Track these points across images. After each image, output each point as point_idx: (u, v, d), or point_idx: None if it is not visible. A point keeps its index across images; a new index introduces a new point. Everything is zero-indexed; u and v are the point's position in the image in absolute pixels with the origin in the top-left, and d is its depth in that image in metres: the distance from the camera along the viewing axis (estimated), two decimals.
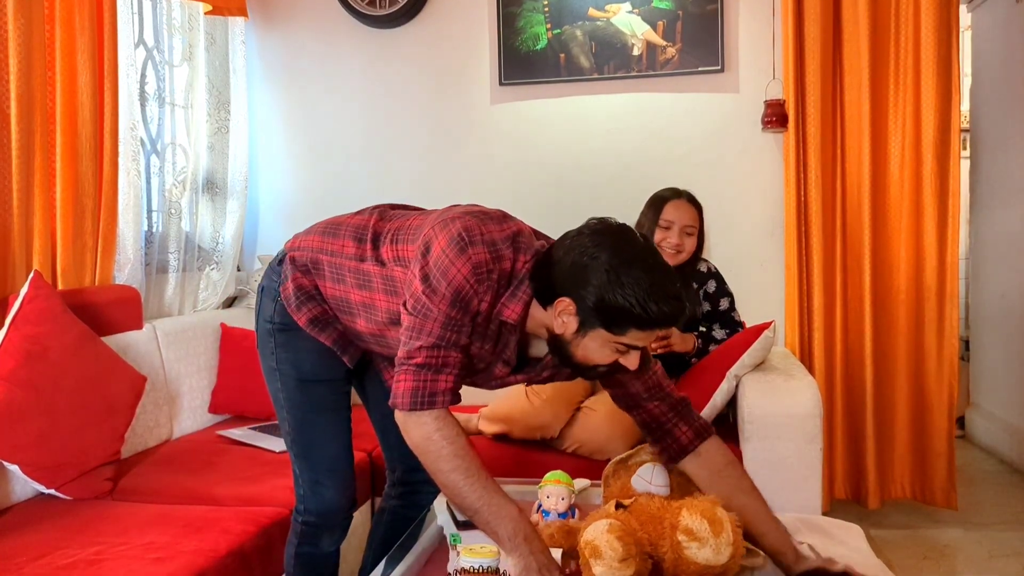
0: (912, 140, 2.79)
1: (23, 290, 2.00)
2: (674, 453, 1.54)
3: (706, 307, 2.54)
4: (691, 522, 1.31)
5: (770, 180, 2.98)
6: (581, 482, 1.84)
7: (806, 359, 2.86)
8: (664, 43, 2.98)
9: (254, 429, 2.54)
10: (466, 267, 1.32)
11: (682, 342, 2.43)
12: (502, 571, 1.33)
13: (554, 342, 1.40)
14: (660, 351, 2.40)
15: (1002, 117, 3.63)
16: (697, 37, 2.96)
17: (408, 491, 1.87)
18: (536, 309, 1.39)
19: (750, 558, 1.41)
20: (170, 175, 2.89)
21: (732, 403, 2.34)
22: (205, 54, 3.01)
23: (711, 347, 2.49)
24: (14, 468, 1.92)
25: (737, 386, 2.30)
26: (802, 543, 1.51)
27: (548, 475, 1.61)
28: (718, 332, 2.52)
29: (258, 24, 3.29)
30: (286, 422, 1.69)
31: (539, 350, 1.48)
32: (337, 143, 3.29)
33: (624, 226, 1.37)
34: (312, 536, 1.71)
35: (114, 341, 2.28)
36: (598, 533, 1.29)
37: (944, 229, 2.79)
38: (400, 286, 1.46)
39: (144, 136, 2.76)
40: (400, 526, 1.79)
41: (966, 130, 3.86)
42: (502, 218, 1.43)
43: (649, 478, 1.55)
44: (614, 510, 1.41)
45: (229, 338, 2.79)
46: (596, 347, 1.35)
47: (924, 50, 2.75)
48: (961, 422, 3.85)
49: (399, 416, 1.38)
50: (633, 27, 3.00)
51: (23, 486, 2.01)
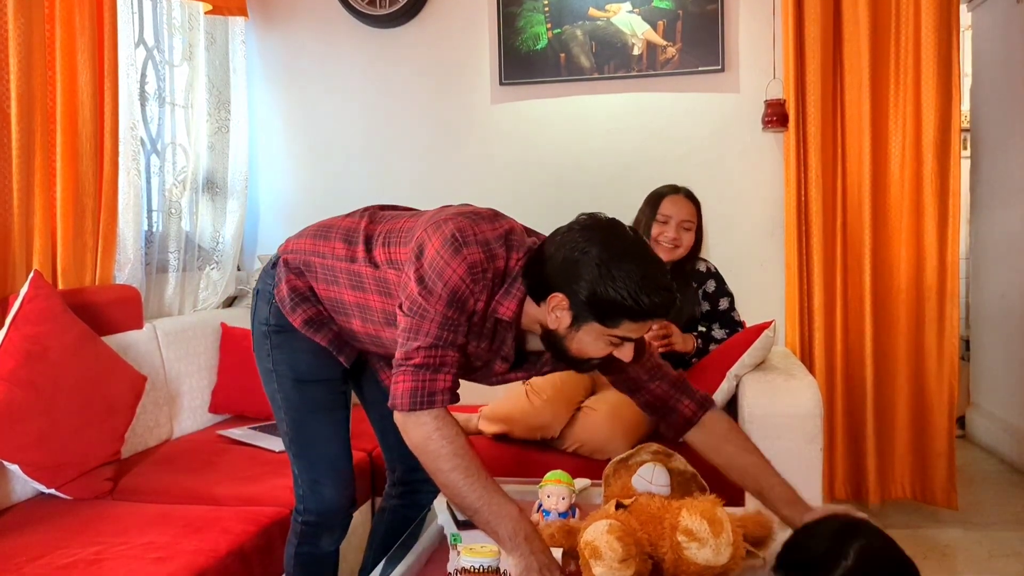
0: (912, 140, 2.79)
1: (23, 290, 2.00)
2: (680, 427, 1.58)
3: (705, 307, 2.54)
4: (691, 523, 1.31)
5: (770, 180, 2.98)
6: (581, 482, 1.84)
7: (806, 359, 2.86)
8: (664, 43, 2.98)
9: (254, 429, 2.54)
10: (461, 267, 1.33)
11: (683, 342, 2.43)
12: (502, 571, 1.33)
13: (548, 337, 1.41)
14: (661, 351, 2.40)
15: (1002, 117, 3.63)
16: (697, 37, 2.96)
17: (408, 491, 1.87)
18: (530, 305, 1.40)
19: (750, 559, 1.41)
20: (170, 175, 2.89)
21: (732, 403, 2.33)
22: (205, 54, 3.00)
23: (711, 347, 2.49)
24: (14, 468, 1.92)
25: (737, 386, 2.30)
26: None
27: (548, 475, 1.61)
28: (718, 332, 2.52)
29: (258, 24, 3.29)
30: (284, 423, 1.69)
31: (537, 344, 1.49)
32: (337, 143, 3.29)
33: (614, 220, 1.38)
34: (312, 536, 1.71)
35: (114, 341, 2.28)
36: (598, 534, 1.29)
37: (944, 229, 2.79)
38: (394, 288, 1.46)
39: (144, 136, 2.76)
40: (400, 526, 1.79)
41: (966, 130, 3.85)
42: (493, 217, 1.44)
43: (649, 478, 1.55)
44: (614, 510, 1.41)
45: (229, 338, 2.79)
46: (590, 340, 1.37)
47: (924, 50, 2.75)
48: (961, 422, 3.85)
49: (398, 417, 1.38)
50: (633, 27, 3.00)
51: (23, 486, 2.01)
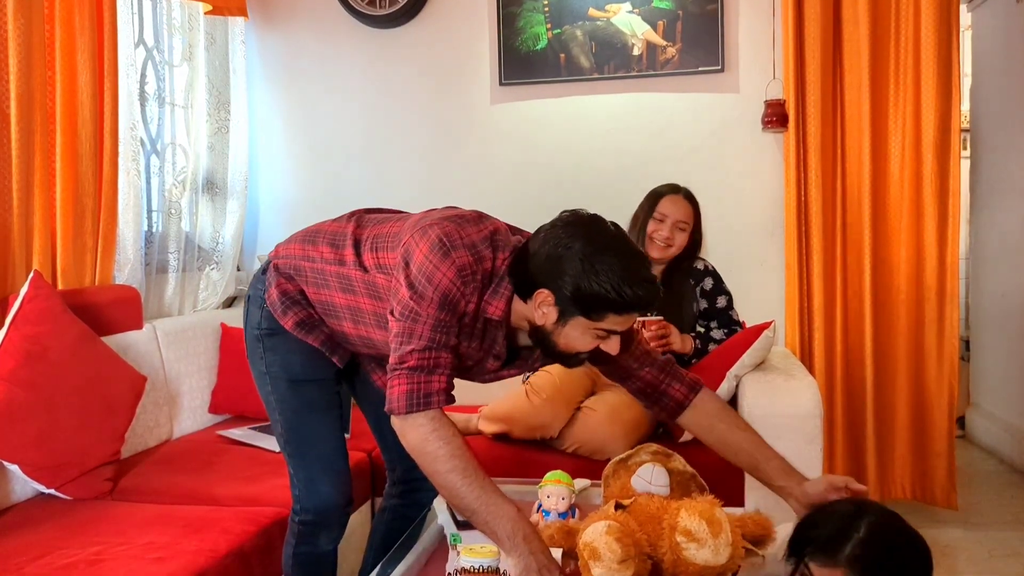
0: (912, 140, 2.79)
1: (23, 290, 2.00)
2: (672, 411, 1.60)
3: (703, 304, 2.54)
4: (690, 523, 1.31)
5: (770, 180, 2.98)
6: (581, 482, 1.84)
7: (806, 359, 2.86)
8: (664, 43, 2.98)
9: (254, 429, 2.54)
10: (451, 271, 1.34)
11: (681, 343, 2.43)
12: (502, 571, 1.33)
13: (536, 333, 1.43)
14: (660, 351, 2.39)
15: (1002, 117, 3.63)
16: (697, 37, 2.96)
17: (408, 490, 1.88)
18: (517, 303, 1.42)
19: (750, 557, 1.41)
20: (170, 175, 2.89)
21: (732, 403, 2.33)
22: (205, 54, 3.00)
23: (710, 347, 2.49)
24: (14, 468, 1.92)
25: (737, 386, 2.30)
26: None
27: (548, 475, 1.62)
28: (716, 332, 2.52)
29: (258, 24, 3.29)
30: (279, 424, 1.70)
31: (528, 340, 1.50)
32: (337, 143, 3.29)
33: (595, 216, 1.40)
34: (310, 535, 1.71)
35: (114, 341, 2.28)
36: (597, 535, 1.29)
37: (944, 229, 2.79)
38: (384, 292, 1.47)
39: (144, 136, 2.76)
40: (400, 525, 1.79)
41: (966, 130, 3.85)
42: (478, 219, 1.45)
43: (649, 478, 1.55)
44: (613, 510, 1.41)
45: (229, 338, 2.79)
46: (577, 335, 1.38)
47: (924, 50, 2.75)
48: (961, 422, 3.85)
49: (395, 422, 1.39)
50: (633, 27, 3.00)
51: (23, 486, 2.01)
